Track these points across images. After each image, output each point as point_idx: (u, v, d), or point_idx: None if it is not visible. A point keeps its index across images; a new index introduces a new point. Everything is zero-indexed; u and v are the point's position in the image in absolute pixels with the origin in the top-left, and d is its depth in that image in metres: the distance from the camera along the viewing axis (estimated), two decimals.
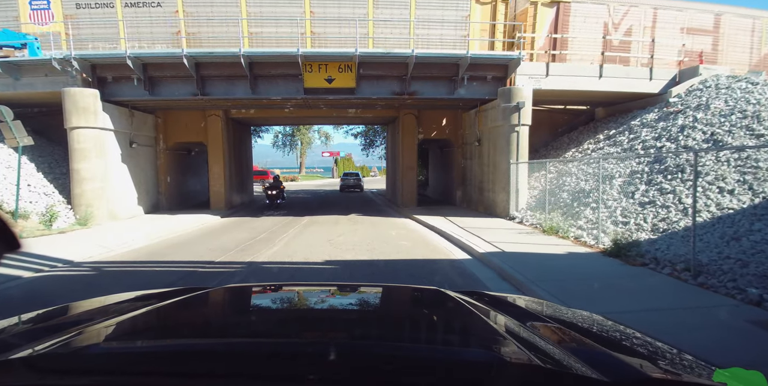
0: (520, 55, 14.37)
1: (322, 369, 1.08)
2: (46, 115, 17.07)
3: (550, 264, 7.73)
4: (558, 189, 14.07)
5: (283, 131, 58.51)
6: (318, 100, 16.45)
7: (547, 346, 1.25)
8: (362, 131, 41.52)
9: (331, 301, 2.08)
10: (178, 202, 19.97)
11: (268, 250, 9.84)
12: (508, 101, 14.59)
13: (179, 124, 19.09)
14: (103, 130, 14.76)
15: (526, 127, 14.83)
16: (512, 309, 1.95)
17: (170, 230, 13.27)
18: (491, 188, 16.00)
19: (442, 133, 20.15)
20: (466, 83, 15.28)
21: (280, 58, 14.26)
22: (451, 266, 8.24)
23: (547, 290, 5.92)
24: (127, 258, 9.52)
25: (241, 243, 10.92)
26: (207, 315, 1.87)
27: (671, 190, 10.53)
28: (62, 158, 15.72)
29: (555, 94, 16.18)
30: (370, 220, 15.73)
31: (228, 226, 14.66)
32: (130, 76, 14.64)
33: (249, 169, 26.20)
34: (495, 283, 6.80)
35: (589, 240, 9.99)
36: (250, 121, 23.55)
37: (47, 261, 8.78)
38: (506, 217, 14.60)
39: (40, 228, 12.08)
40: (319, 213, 18.23)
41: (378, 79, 15.25)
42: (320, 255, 9.08)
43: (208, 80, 15.16)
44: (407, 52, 13.99)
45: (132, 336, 1.44)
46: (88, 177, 14.23)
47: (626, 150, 14.13)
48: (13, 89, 14.73)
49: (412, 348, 1.27)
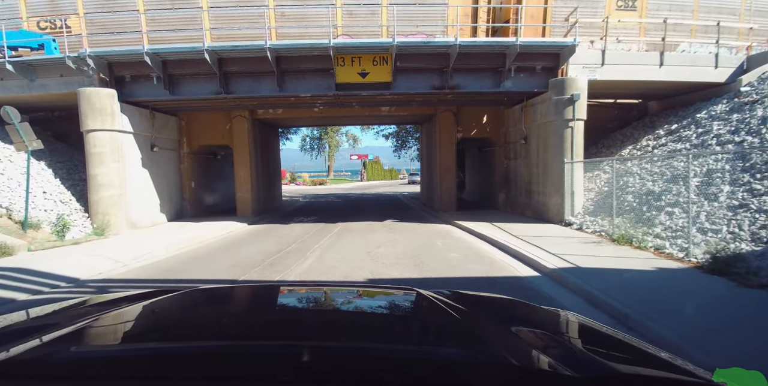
0: (575, 41, 12.87)
1: (294, 370, 1.06)
2: (66, 119, 16.20)
3: (645, 286, 6.23)
4: (620, 191, 12.50)
5: (310, 134, 57.80)
6: (350, 97, 15.16)
7: (522, 345, 1.32)
8: (394, 132, 40.09)
9: (307, 302, 2.06)
10: (202, 209, 18.96)
11: (299, 265, 8.56)
12: (561, 93, 13.14)
13: (203, 126, 18.10)
14: (122, 133, 13.76)
15: (581, 122, 13.34)
16: (489, 308, 1.93)
17: (192, 240, 12.14)
18: (541, 190, 14.50)
19: (483, 131, 18.67)
20: (513, 75, 13.85)
21: (310, 51, 13.04)
22: (520, 287, 6.82)
23: (675, 330, 4.39)
24: (140, 274, 8.36)
25: (269, 255, 9.68)
26: (181, 318, 1.76)
27: (766, 192, 8.95)
28: (82, 163, 14.72)
29: (610, 85, 14.59)
30: (409, 227, 14.37)
31: (255, 235, 13.49)
32: (149, 74, 13.62)
33: (277, 172, 25.14)
34: (587, 314, 5.35)
35: (673, 251, 8.46)
36: (277, 122, 22.41)
37: (49, 280, 7.69)
38: (561, 223, 13.09)
39: (51, 240, 11.06)
40: (351, 219, 16.96)
41: (416, 73, 13.90)
42: (361, 273, 7.73)
43: (231, 77, 14.03)
44: (450, 41, 12.62)
45: (102, 340, 1.41)
46: (105, 183, 13.23)
47: (696, 146, 12.54)
48: (28, 91, 13.89)
49: (384, 349, 1.28)
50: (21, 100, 14.01)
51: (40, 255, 9.76)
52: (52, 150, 15.60)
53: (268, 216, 19.01)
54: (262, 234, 13.51)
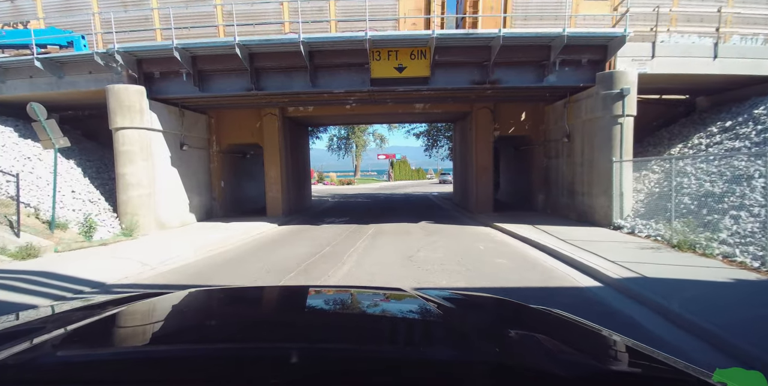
0: (625, 32, 12.02)
1: (284, 373, 1.06)
2: (95, 118, 15.98)
3: (734, 304, 5.37)
4: (674, 192, 11.61)
5: (338, 134, 57.43)
6: (385, 93, 14.53)
7: (512, 344, 1.33)
8: (425, 130, 39.27)
9: (298, 304, 2.02)
10: (232, 208, 18.56)
11: (336, 271, 7.97)
12: (610, 88, 12.32)
13: (233, 125, 17.70)
14: (151, 131, 13.39)
15: (630, 118, 12.51)
16: (479, 308, 1.92)
17: (222, 241, 11.67)
18: (586, 191, 13.66)
19: (521, 129, 17.84)
20: (558, 68, 13.05)
21: (345, 45, 12.44)
22: (584, 300, 6.08)
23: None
24: (167, 279, 7.88)
25: (303, 260, 9.12)
26: (173, 320, 1.71)
27: None
28: (111, 162, 14.41)
29: (657, 79, 13.70)
30: (446, 230, 13.67)
31: (286, 236, 12.97)
32: (179, 70, 13.21)
33: (307, 172, 24.70)
34: (680, 342, 4.57)
35: (746, 260, 7.62)
36: (307, 120, 21.91)
37: (74, 284, 7.25)
38: (609, 226, 12.26)
39: (78, 240, 10.70)
40: (384, 220, 16.34)
41: (454, 67, 13.18)
42: (405, 281, 7.06)
43: (263, 73, 13.53)
44: (493, 33, 11.89)
45: (90, 344, 1.34)
46: (134, 182, 12.87)
47: (757, 144, 11.63)
48: (56, 88, 13.65)
49: (373, 350, 1.27)
50: (50, 97, 13.75)
51: (67, 256, 9.38)
52: (82, 148, 15.37)
53: (299, 216, 18.53)
54: (293, 236, 12.98)
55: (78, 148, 14.97)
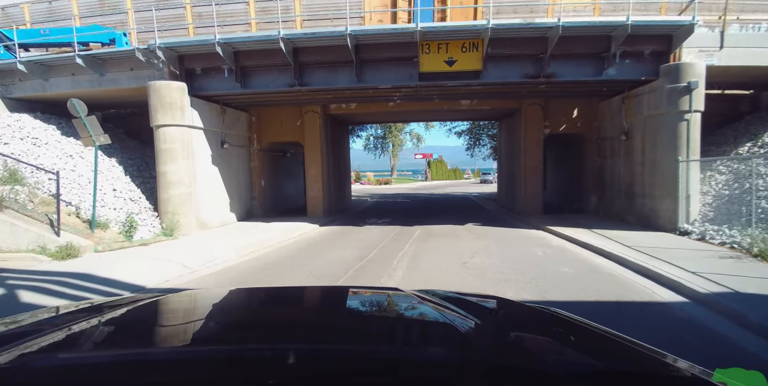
0: (693, 20, 11.06)
1: (281, 373, 1.04)
2: (137, 116, 15.84)
3: None
4: (748, 195, 10.63)
5: (374, 133, 56.98)
6: (432, 89, 13.86)
7: (509, 344, 1.33)
8: (466, 129, 38.37)
9: (294, 304, 1.99)
10: (272, 208, 18.21)
11: (389, 279, 7.37)
12: (675, 81, 11.40)
13: (274, 123, 17.33)
14: (192, 128, 13.10)
15: (698, 114, 11.55)
16: (475, 308, 1.82)
17: (265, 243, 11.21)
18: (648, 193, 12.71)
19: (572, 126, 16.89)
20: (618, 61, 12.15)
21: (394, 37, 11.84)
22: (674, 318, 5.28)
23: None
24: (209, 283, 7.43)
25: (351, 264, 8.56)
26: (170, 322, 1.68)
27: None
28: (152, 160, 14.22)
29: (724, 72, 12.62)
30: (495, 233, 12.94)
31: (329, 238, 12.46)
32: (220, 66, 12.88)
33: (347, 171, 24.25)
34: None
35: None
36: (348, 118, 21.43)
37: (112, 288, 6.86)
38: (674, 231, 11.33)
39: (119, 240, 10.42)
40: (428, 221, 15.69)
41: (508, 60, 12.42)
42: (465, 291, 6.46)
43: (306, 68, 13.05)
44: (551, 22, 11.11)
45: (85, 347, 1.30)
46: (174, 181, 12.57)
47: None
48: (98, 86, 13.50)
49: (370, 350, 1.26)
50: (91, 95, 13.62)
51: (106, 257, 9.07)
52: (123, 147, 15.23)
53: (339, 216, 18.04)
54: (337, 238, 12.46)
55: (120, 146, 14.82)
